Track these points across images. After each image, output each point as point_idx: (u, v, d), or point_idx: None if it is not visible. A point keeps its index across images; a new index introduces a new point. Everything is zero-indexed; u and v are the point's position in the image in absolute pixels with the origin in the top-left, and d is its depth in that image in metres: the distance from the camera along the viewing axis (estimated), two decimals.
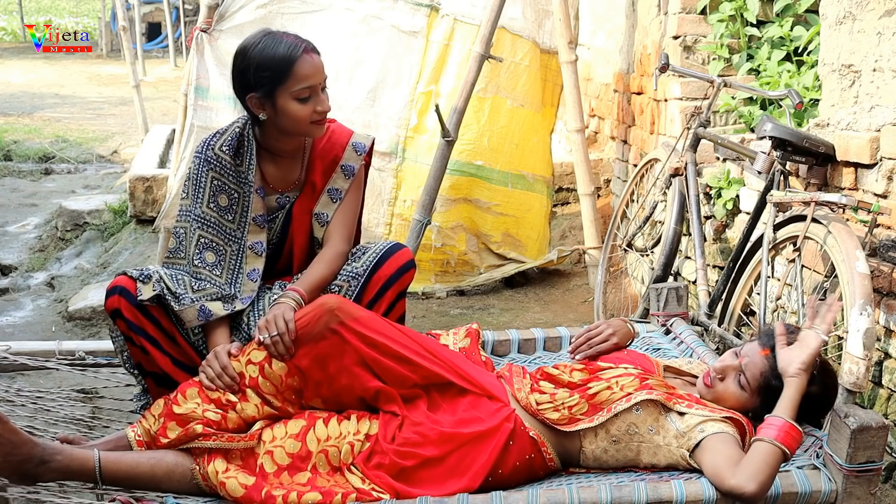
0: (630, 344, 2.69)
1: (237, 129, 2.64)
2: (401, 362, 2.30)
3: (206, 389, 2.26)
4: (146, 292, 2.44)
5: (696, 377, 2.50)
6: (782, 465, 2.08)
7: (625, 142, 5.62)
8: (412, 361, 2.31)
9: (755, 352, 2.30)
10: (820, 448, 2.20)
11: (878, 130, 3.05)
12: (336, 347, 2.27)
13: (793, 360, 2.18)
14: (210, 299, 2.50)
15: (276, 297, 2.53)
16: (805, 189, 3.40)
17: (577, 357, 2.60)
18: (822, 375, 2.27)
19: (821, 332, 2.22)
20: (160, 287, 2.46)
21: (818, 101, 3.82)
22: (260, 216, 2.64)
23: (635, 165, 4.86)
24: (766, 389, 2.24)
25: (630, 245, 4.37)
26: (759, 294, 3.06)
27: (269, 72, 2.48)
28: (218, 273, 2.56)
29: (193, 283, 2.51)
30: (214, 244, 2.58)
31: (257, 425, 2.25)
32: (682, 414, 2.22)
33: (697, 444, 2.15)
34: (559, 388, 2.34)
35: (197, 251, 2.55)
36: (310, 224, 2.70)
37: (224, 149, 2.60)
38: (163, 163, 6.67)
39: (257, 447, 2.20)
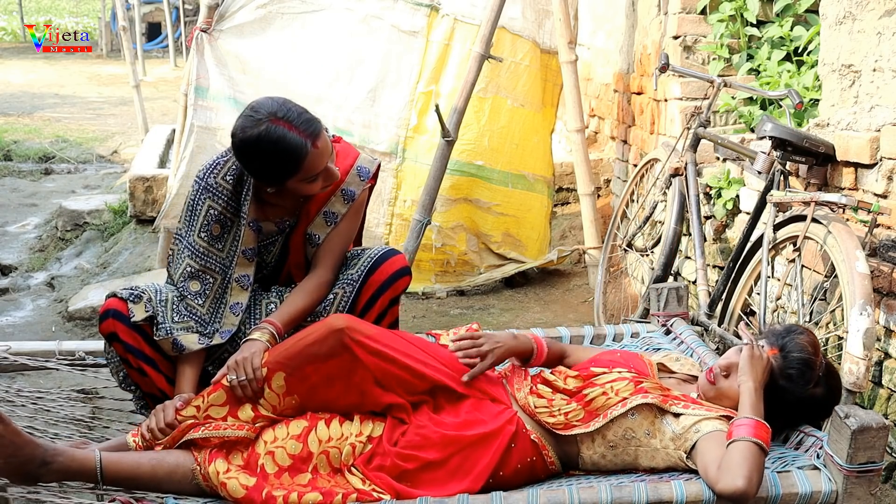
0: (531, 359, 2.54)
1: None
2: (412, 373, 2.30)
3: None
4: (139, 313, 2.42)
5: (692, 376, 2.50)
6: (767, 458, 2.09)
7: (625, 142, 5.62)
8: (421, 372, 2.31)
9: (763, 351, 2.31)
10: (820, 448, 2.19)
11: (878, 130, 3.05)
12: (346, 366, 2.26)
13: (742, 376, 2.22)
14: (186, 332, 2.46)
15: (250, 331, 2.48)
16: (805, 189, 3.40)
17: (459, 356, 2.43)
18: (826, 378, 2.29)
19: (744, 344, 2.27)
20: (151, 308, 2.44)
21: (818, 101, 3.82)
22: (250, 249, 2.59)
23: (635, 165, 4.85)
24: (772, 389, 2.24)
25: (630, 245, 4.37)
26: (759, 294, 3.06)
27: (277, 172, 2.40)
28: (200, 303, 2.51)
29: (176, 307, 2.48)
30: (200, 274, 2.53)
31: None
32: (677, 415, 2.22)
33: (693, 446, 2.16)
34: (556, 394, 2.34)
35: (182, 279, 2.51)
36: (303, 246, 2.66)
37: (228, 178, 2.54)
38: (163, 163, 6.67)
39: (257, 446, 2.20)
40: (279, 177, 2.41)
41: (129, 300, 2.43)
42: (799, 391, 2.25)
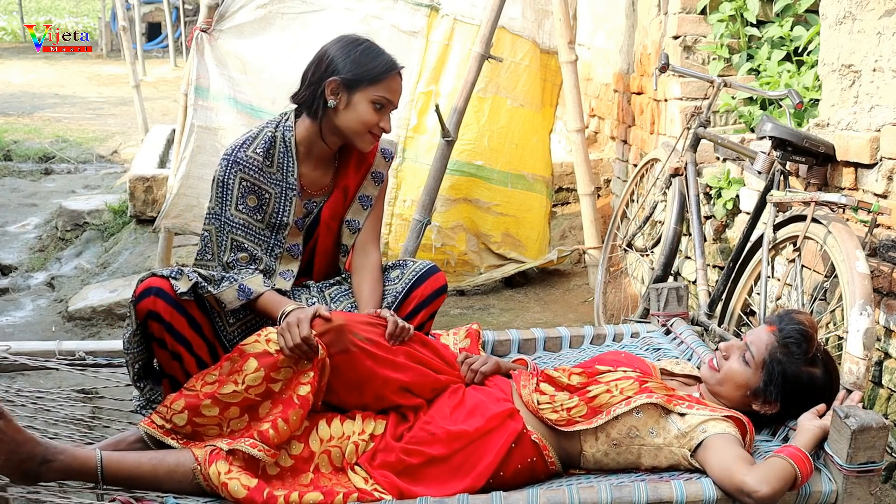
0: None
1: (269, 132, 2.61)
2: (414, 376, 2.34)
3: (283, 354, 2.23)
4: (183, 286, 2.39)
5: (692, 377, 2.51)
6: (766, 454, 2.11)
7: (625, 142, 5.62)
8: (426, 376, 2.36)
9: (761, 329, 2.34)
10: (820, 448, 2.19)
11: (878, 130, 3.05)
12: (353, 364, 2.28)
13: (815, 419, 2.20)
14: (248, 276, 2.48)
15: (341, 300, 2.62)
16: (805, 189, 3.40)
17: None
18: (824, 363, 2.31)
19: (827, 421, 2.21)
20: (195, 276, 2.42)
21: (818, 101, 3.82)
22: (300, 219, 2.66)
23: (635, 165, 4.86)
24: (771, 363, 2.26)
25: (630, 245, 4.37)
26: (759, 294, 3.06)
27: (366, 68, 2.54)
28: (253, 268, 2.55)
29: (226, 272, 2.52)
30: (246, 246, 2.56)
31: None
32: (682, 415, 2.23)
33: (700, 444, 2.16)
34: (559, 391, 2.35)
35: (232, 254, 2.55)
36: (337, 230, 2.73)
37: (258, 151, 2.58)
38: (163, 163, 6.67)
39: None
40: (365, 76, 2.53)
41: (171, 277, 2.40)
42: (797, 364, 2.26)
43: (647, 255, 4.28)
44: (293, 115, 2.65)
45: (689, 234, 3.88)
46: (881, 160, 3.01)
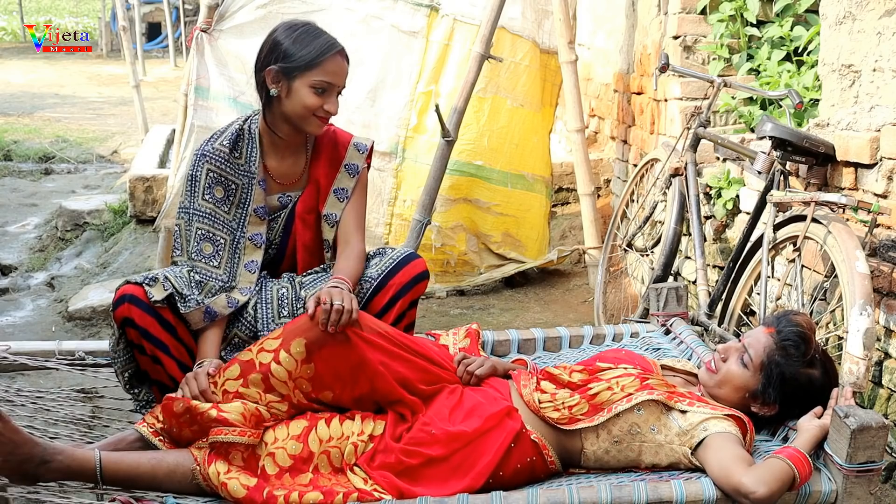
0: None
1: (237, 125, 2.66)
2: (416, 368, 2.35)
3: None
4: (157, 293, 2.42)
5: (694, 374, 2.51)
6: (765, 454, 2.11)
7: (625, 142, 5.62)
8: (425, 367, 2.36)
9: (759, 331, 2.34)
10: (820, 448, 2.19)
11: (878, 130, 3.05)
12: (349, 353, 2.28)
13: (814, 419, 2.20)
14: (212, 295, 2.50)
15: (314, 287, 2.58)
16: (805, 189, 3.40)
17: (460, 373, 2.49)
18: (823, 363, 2.31)
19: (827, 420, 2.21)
20: (169, 285, 2.45)
21: (818, 101, 3.82)
22: (261, 208, 2.65)
23: (635, 165, 4.86)
24: (769, 366, 2.26)
25: (630, 245, 4.38)
26: (759, 294, 3.06)
27: (301, 53, 2.52)
28: (215, 264, 2.57)
29: (194, 278, 2.51)
30: (211, 235, 2.58)
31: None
32: (683, 412, 2.23)
33: (700, 442, 2.16)
34: (560, 389, 2.35)
35: (195, 243, 2.56)
36: (314, 224, 2.71)
37: (224, 143, 2.62)
38: (163, 163, 6.67)
39: (257, 447, 2.20)
40: (299, 62, 2.51)
41: (146, 283, 2.43)
42: (795, 366, 2.26)
43: (647, 255, 4.28)
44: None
45: (689, 234, 3.88)
46: (881, 160, 3.01)
